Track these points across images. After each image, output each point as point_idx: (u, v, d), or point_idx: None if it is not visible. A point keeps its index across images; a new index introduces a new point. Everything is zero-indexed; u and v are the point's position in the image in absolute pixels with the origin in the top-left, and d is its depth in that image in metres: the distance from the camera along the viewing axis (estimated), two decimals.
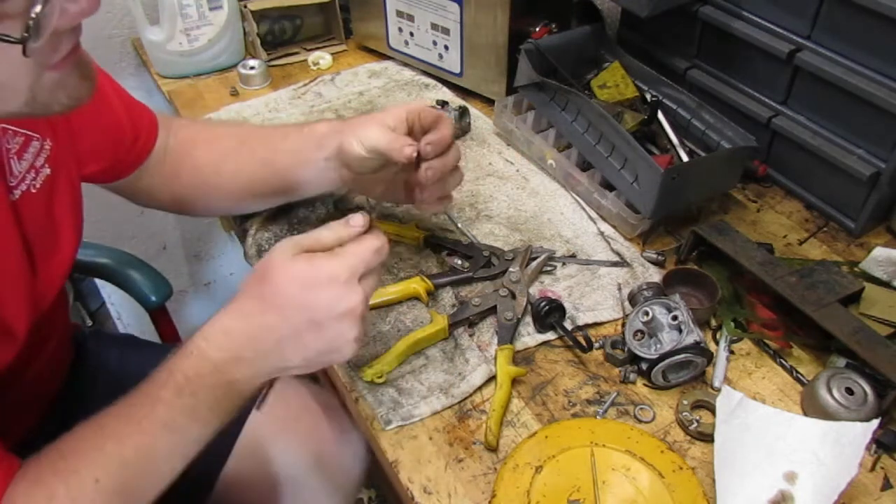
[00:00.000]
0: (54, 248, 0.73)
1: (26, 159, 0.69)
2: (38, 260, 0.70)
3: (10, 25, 0.48)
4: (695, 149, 1.02)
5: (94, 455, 0.58)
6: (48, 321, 0.77)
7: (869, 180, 0.90)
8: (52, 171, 0.71)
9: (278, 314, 0.60)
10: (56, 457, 0.59)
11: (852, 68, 0.89)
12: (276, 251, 0.61)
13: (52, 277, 0.72)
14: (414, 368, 0.79)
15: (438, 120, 0.79)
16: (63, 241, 0.74)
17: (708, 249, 0.90)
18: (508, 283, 0.87)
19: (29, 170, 0.69)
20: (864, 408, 0.71)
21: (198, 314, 1.95)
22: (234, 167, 0.88)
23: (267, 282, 0.60)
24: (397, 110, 0.79)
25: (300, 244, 0.61)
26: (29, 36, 0.48)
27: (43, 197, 0.70)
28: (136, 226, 1.69)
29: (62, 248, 0.74)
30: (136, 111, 0.85)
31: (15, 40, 0.48)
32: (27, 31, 0.48)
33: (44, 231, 0.71)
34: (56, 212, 0.73)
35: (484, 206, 1.02)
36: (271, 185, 0.88)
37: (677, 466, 0.68)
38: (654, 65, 1.10)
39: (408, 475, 0.70)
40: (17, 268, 0.66)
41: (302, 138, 0.86)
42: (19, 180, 0.68)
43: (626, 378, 0.78)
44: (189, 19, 1.26)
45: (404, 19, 1.26)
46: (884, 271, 0.88)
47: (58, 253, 0.73)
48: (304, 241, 0.62)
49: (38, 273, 0.70)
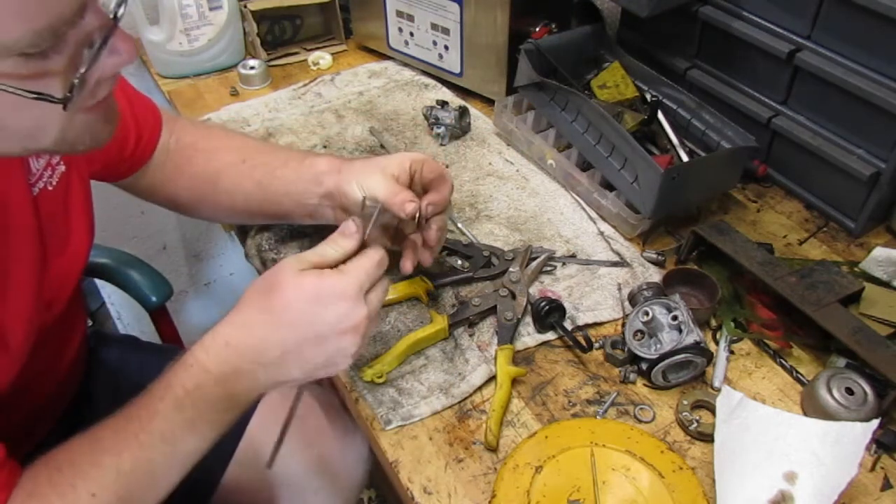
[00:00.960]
0: (65, 247, 0.72)
1: (43, 156, 0.69)
2: (50, 258, 0.69)
3: (51, 83, 0.48)
4: (695, 149, 1.02)
5: (91, 469, 0.58)
6: (65, 326, 0.77)
7: (869, 180, 0.90)
8: (66, 167, 0.72)
9: (287, 328, 0.60)
10: (52, 469, 0.58)
11: (852, 68, 0.89)
12: (283, 267, 0.61)
13: (62, 278, 0.72)
14: (414, 368, 0.79)
15: (440, 178, 0.78)
16: (75, 240, 0.74)
17: (708, 249, 0.90)
18: (508, 283, 0.87)
19: (46, 167, 0.69)
20: (864, 408, 0.71)
21: (198, 314, 1.95)
22: (230, 184, 0.87)
23: (275, 296, 0.60)
24: (401, 158, 0.78)
25: (307, 260, 0.61)
26: (72, 96, 0.49)
27: (60, 194, 0.71)
28: (136, 226, 1.69)
29: (73, 247, 0.74)
30: (140, 109, 0.85)
31: (57, 100, 0.48)
32: (70, 91, 0.48)
33: (58, 229, 0.71)
34: (71, 210, 0.73)
35: (484, 206, 1.02)
36: (264, 209, 0.88)
37: (677, 466, 0.68)
38: (654, 65, 1.10)
39: (408, 475, 0.70)
40: (31, 267, 0.66)
41: (301, 169, 0.84)
42: (37, 177, 0.68)
43: (626, 378, 0.78)
44: (189, 19, 1.26)
45: (404, 19, 1.26)
46: (884, 271, 0.88)
47: (68, 252, 0.73)
48: (309, 257, 0.62)
49: (48, 271, 0.69)
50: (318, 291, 0.59)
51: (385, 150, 1.13)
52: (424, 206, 0.76)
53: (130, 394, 0.62)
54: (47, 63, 0.47)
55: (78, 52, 0.49)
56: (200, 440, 0.62)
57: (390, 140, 1.15)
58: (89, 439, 0.60)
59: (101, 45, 0.49)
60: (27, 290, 0.65)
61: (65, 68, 0.48)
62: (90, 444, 0.60)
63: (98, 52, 0.49)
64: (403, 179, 0.77)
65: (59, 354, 0.81)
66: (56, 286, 0.71)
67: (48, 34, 0.45)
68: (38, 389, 0.77)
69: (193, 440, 0.61)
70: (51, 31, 0.45)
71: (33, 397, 0.77)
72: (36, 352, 0.68)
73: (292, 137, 1.15)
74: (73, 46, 0.48)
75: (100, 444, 0.59)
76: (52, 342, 0.75)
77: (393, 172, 0.77)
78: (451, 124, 1.13)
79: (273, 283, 0.60)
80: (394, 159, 0.78)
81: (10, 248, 0.63)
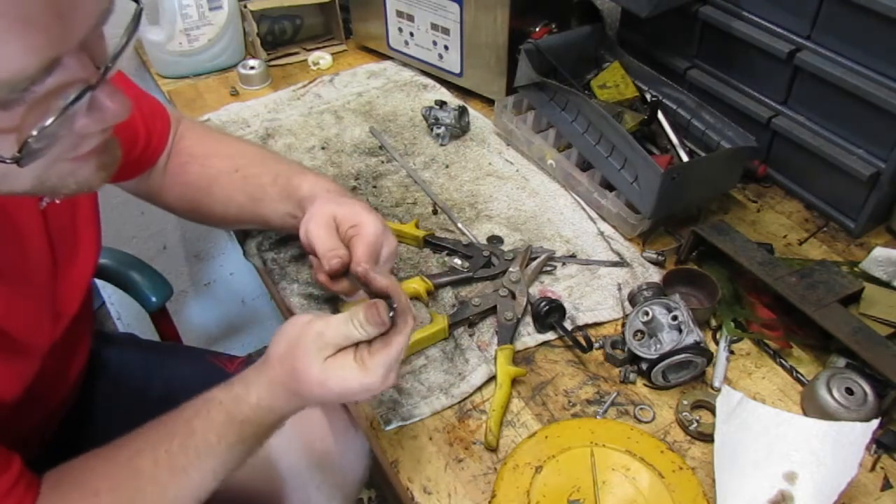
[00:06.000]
0: (74, 257, 0.72)
1: None
2: (60, 270, 0.69)
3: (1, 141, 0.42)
4: (695, 149, 1.02)
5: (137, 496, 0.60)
6: (76, 334, 0.77)
7: (869, 180, 0.90)
8: None
9: (313, 401, 0.62)
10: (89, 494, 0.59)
11: (852, 68, 0.89)
12: (307, 350, 0.59)
13: (73, 288, 0.72)
14: (414, 368, 0.79)
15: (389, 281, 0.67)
16: (83, 251, 0.73)
17: (708, 249, 0.90)
18: (508, 283, 0.87)
19: None
20: (864, 408, 0.71)
21: (198, 314, 1.95)
22: (224, 194, 0.86)
23: (302, 386, 0.60)
24: (371, 243, 0.73)
25: (330, 345, 0.59)
26: (21, 157, 0.42)
27: (67, 206, 0.70)
28: (137, 226, 1.69)
29: (82, 256, 0.73)
30: (148, 110, 0.84)
31: (6, 161, 0.42)
32: (20, 151, 0.42)
33: (67, 241, 0.71)
34: (79, 222, 0.73)
35: (484, 206, 1.02)
36: (255, 221, 0.88)
37: (677, 466, 0.68)
38: (654, 65, 1.10)
39: (408, 475, 0.70)
40: (44, 278, 0.66)
41: (289, 189, 0.82)
42: None
43: (626, 378, 0.78)
44: (189, 19, 1.26)
45: (404, 19, 1.26)
46: (884, 271, 0.88)
47: (78, 263, 0.73)
48: (333, 339, 0.59)
49: (59, 283, 0.69)
50: (343, 391, 0.60)
51: (385, 151, 1.13)
52: (354, 267, 0.71)
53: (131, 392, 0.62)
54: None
55: (42, 106, 0.42)
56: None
57: (389, 141, 1.15)
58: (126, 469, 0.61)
59: (76, 100, 0.42)
60: (42, 301, 0.66)
61: (19, 125, 0.41)
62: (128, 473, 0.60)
63: (68, 108, 0.42)
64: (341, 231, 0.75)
65: (70, 361, 0.81)
66: (67, 297, 0.71)
67: (4, 90, 0.39)
68: (50, 395, 0.78)
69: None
70: (7, 88, 0.39)
71: (46, 403, 0.77)
72: (49, 359, 0.68)
73: (291, 138, 1.15)
74: (30, 102, 0.41)
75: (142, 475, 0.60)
76: (63, 350, 0.75)
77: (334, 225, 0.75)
78: (451, 124, 1.13)
79: (299, 370, 0.59)
80: (366, 237, 0.73)
81: (27, 259, 0.63)
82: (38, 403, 0.73)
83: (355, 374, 0.59)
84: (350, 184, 1.06)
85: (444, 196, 1.04)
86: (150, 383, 0.97)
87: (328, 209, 0.76)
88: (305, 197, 0.80)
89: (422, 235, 0.93)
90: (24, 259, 0.63)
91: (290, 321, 0.62)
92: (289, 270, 0.92)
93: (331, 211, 0.75)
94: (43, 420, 0.79)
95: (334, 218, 0.75)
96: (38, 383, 0.66)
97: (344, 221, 0.75)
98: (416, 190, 1.05)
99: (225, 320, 2.02)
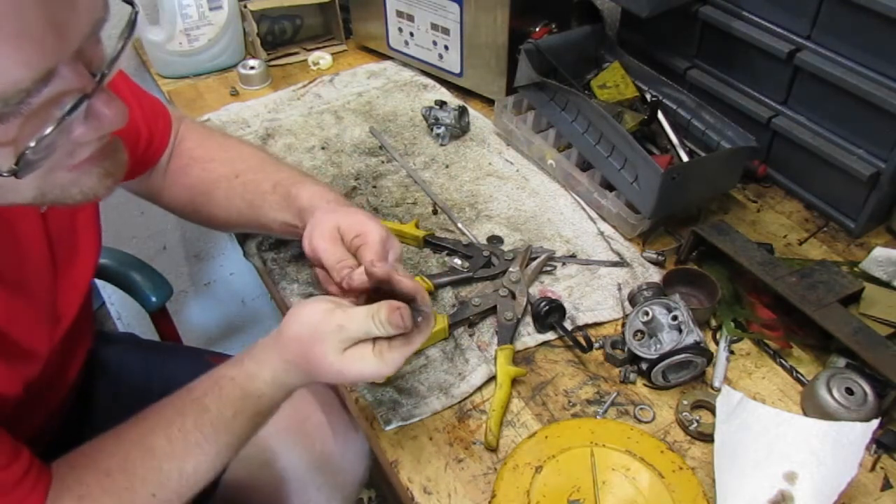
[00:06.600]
0: (74, 259, 0.72)
1: None
2: (60, 272, 0.69)
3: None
4: (695, 149, 1.02)
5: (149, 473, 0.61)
6: (76, 335, 0.77)
7: (869, 180, 0.90)
8: None
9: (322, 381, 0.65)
10: (101, 474, 0.60)
11: (852, 68, 0.89)
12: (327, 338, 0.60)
13: (73, 291, 0.72)
14: (414, 368, 0.79)
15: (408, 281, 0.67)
16: (82, 254, 0.73)
17: (708, 249, 0.90)
18: (508, 283, 0.87)
19: None
20: (864, 408, 0.71)
21: (198, 314, 1.95)
22: (224, 199, 0.86)
23: (313, 366, 0.62)
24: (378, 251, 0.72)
25: (350, 338, 0.60)
26: (19, 169, 0.42)
27: (67, 209, 0.70)
28: (137, 226, 1.69)
29: (82, 258, 0.73)
30: (149, 110, 0.84)
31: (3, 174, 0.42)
32: (17, 164, 0.42)
33: (67, 243, 0.70)
34: (79, 225, 0.73)
35: (484, 206, 1.02)
36: (255, 227, 0.88)
37: (677, 466, 0.68)
38: (654, 65, 1.10)
39: (408, 475, 0.70)
40: (45, 281, 0.66)
41: (289, 198, 0.82)
42: None
43: (626, 378, 0.78)
44: (189, 19, 1.26)
45: (404, 19, 1.26)
46: (884, 271, 0.88)
47: (77, 265, 0.72)
48: (354, 333, 0.60)
49: (60, 285, 0.69)
50: (357, 377, 0.62)
51: (385, 151, 1.13)
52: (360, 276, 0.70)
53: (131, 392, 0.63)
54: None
55: (38, 117, 0.42)
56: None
57: (389, 141, 1.15)
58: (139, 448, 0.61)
59: (72, 110, 0.43)
60: (41, 304, 0.66)
61: (15, 137, 0.41)
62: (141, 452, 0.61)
63: (65, 118, 0.42)
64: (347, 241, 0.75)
65: (70, 361, 0.81)
66: (67, 299, 0.71)
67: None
68: (50, 395, 0.78)
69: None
70: (2, 102, 0.39)
71: (46, 403, 0.78)
72: (51, 361, 0.68)
73: (291, 138, 1.15)
74: (26, 114, 0.41)
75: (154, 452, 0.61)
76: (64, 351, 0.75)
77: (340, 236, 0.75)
78: (451, 124, 1.13)
79: (316, 355, 0.61)
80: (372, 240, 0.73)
81: (26, 263, 0.63)
82: (38, 404, 0.73)
83: (373, 366, 0.61)
84: (350, 184, 1.06)
85: (444, 196, 1.04)
86: (150, 383, 0.97)
87: (331, 220, 0.76)
88: (305, 207, 0.80)
89: (422, 235, 0.93)
90: (23, 263, 0.63)
91: (308, 305, 0.63)
92: (289, 270, 0.92)
93: (334, 222, 0.75)
94: (44, 421, 0.79)
95: (338, 229, 0.75)
96: (39, 384, 0.66)
97: (348, 231, 0.74)
98: (416, 190, 1.05)
99: (225, 320, 2.02)
